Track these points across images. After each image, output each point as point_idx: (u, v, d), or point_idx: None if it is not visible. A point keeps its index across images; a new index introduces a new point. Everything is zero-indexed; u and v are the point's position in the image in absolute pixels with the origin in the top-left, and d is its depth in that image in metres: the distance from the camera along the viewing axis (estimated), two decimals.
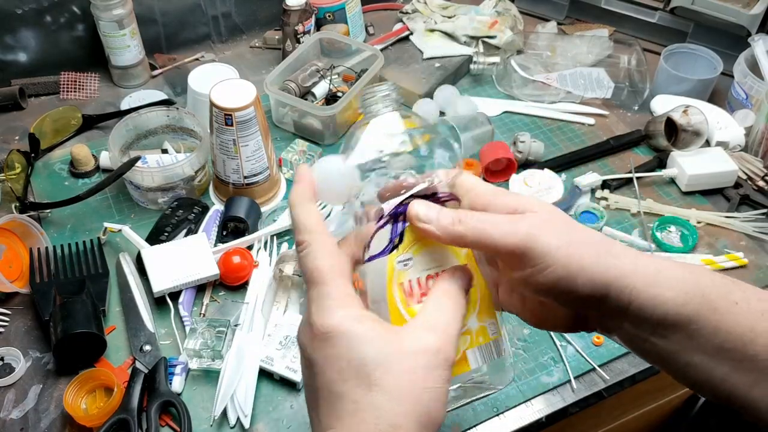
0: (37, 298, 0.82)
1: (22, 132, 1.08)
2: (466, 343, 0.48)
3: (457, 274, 0.47)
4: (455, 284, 0.47)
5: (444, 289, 0.46)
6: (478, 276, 0.49)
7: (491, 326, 0.50)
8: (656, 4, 1.26)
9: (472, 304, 0.49)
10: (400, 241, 0.48)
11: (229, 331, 0.79)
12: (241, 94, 0.87)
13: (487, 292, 0.50)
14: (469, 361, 0.48)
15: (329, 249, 0.46)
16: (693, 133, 1.04)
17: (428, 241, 0.48)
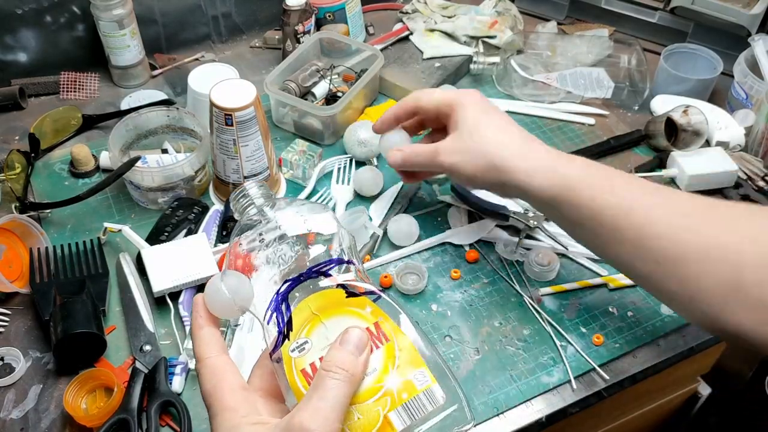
0: (37, 298, 0.82)
1: (22, 132, 1.08)
2: (387, 406, 0.45)
3: (342, 339, 0.46)
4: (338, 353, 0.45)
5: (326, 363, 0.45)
6: (392, 329, 0.47)
7: (418, 377, 0.46)
8: (656, 4, 1.26)
9: (390, 360, 0.46)
10: (289, 329, 0.47)
11: (229, 331, 0.79)
12: (241, 94, 0.87)
13: (407, 343, 0.47)
14: (393, 423, 0.45)
15: (214, 373, 0.48)
16: (693, 133, 1.04)
17: (325, 314, 0.47)
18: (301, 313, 0.48)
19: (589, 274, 0.91)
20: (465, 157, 0.71)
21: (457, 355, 0.81)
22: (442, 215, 0.97)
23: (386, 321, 0.48)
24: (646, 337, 0.84)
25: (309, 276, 0.49)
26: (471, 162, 0.71)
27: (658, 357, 0.82)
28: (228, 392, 0.47)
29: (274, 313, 0.49)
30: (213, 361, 0.48)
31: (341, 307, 0.48)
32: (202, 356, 0.49)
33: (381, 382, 0.46)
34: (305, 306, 0.48)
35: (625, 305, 0.87)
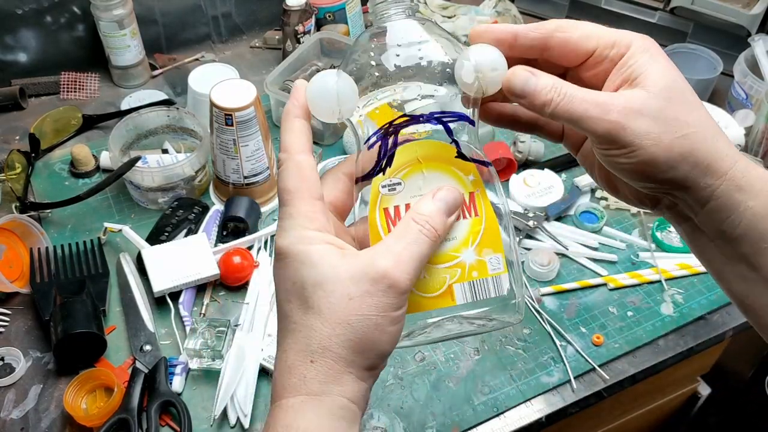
0: (38, 298, 0.82)
1: (23, 132, 1.08)
2: (455, 276, 0.45)
3: (437, 194, 0.44)
4: (432, 206, 0.43)
5: (420, 214, 0.43)
6: (485, 206, 0.45)
7: (493, 261, 0.45)
8: (656, 4, 1.26)
9: (472, 235, 0.45)
10: (387, 164, 0.45)
11: (229, 331, 0.79)
12: (241, 94, 0.87)
13: (494, 225, 0.46)
14: (455, 295, 0.44)
15: (300, 170, 0.44)
16: None
17: (428, 164, 0.45)
18: (406, 153, 0.45)
19: (589, 274, 0.91)
20: (662, 129, 0.43)
21: (457, 354, 0.81)
22: None
23: (482, 196, 0.46)
24: (646, 337, 0.84)
25: (428, 120, 0.45)
26: (667, 140, 0.43)
27: (658, 357, 0.82)
28: (309, 198, 0.43)
29: (379, 141, 0.45)
30: (301, 158, 0.44)
31: (446, 164, 0.46)
32: (292, 149, 0.44)
33: (458, 252, 0.45)
34: (413, 148, 0.45)
35: (625, 305, 0.87)
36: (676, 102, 0.43)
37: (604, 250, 0.94)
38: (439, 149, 0.45)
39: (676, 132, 0.43)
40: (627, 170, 0.44)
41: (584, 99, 0.42)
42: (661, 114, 0.42)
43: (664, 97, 0.43)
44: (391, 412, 0.76)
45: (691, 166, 0.43)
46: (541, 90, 0.43)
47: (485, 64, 0.44)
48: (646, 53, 0.44)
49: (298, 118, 0.45)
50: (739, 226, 0.43)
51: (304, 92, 0.45)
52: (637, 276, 0.90)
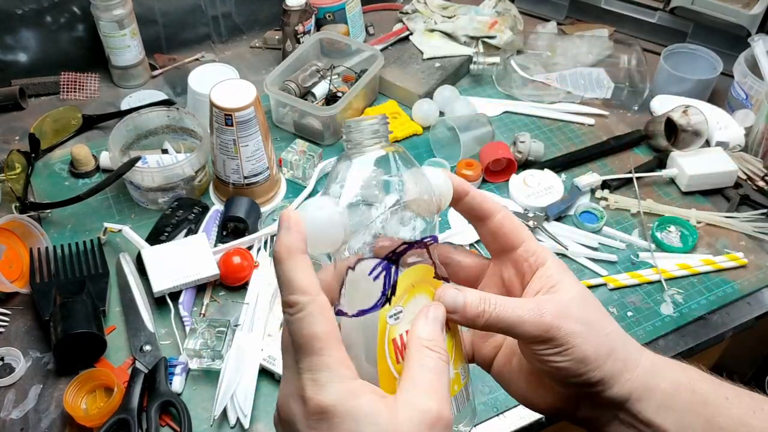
0: (37, 298, 0.82)
1: (23, 132, 1.08)
2: None
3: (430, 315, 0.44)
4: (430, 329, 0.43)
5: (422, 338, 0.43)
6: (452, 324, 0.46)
7: (463, 371, 0.47)
8: (656, 4, 1.26)
9: (449, 350, 0.45)
10: (392, 293, 0.44)
11: (229, 331, 0.79)
12: (241, 94, 0.87)
13: (459, 337, 0.47)
14: None
15: (326, 313, 0.40)
16: (693, 133, 1.04)
17: (419, 288, 0.45)
18: (405, 280, 0.45)
19: (589, 273, 0.91)
20: (589, 329, 0.46)
21: None
22: (442, 215, 0.97)
23: None
24: (646, 337, 0.84)
25: (421, 245, 0.46)
26: (594, 339, 0.46)
27: None
28: (339, 342, 0.40)
29: (384, 270, 0.44)
30: (323, 300, 0.40)
31: (428, 285, 0.46)
32: (308, 290, 0.40)
33: None
34: (409, 274, 0.45)
35: (625, 305, 0.87)
36: (591, 308, 0.48)
37: (604, 250, 0.94)
38: (424, 272, 0.46)
39: (599, 332, 0.47)
40: (563, 368, 0.46)
41: (515, 306, 0.45)
42: (584, 316, 0.47)
43: (580, 303, 0.48)
44: None
45: (613, 363, 0.47)
46: (469, 304, 0.45)
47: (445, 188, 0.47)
48: (559, 268, 0.49)
49: (304, 254, 0.41)
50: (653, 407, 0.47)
51: (300, 223, 0.42)
52: (637, 276, 0.90)
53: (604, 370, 0.46)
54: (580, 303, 0.48)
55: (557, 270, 0.49)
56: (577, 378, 0.46)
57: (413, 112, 1.11)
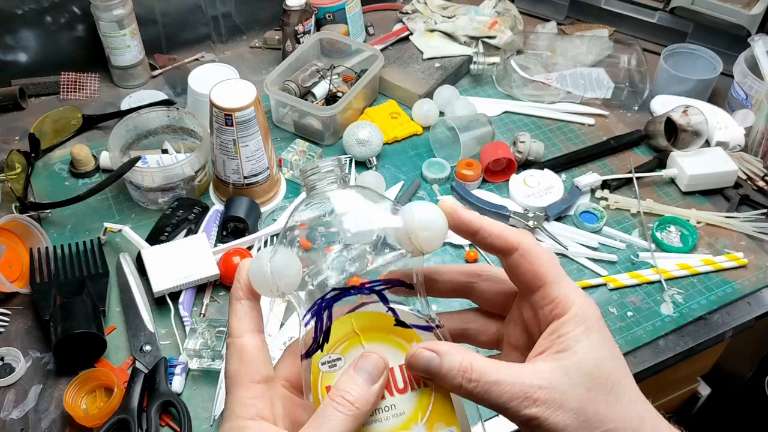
0: (37, 298, 0.82)
1: (23, 132, 1.08)
2: None
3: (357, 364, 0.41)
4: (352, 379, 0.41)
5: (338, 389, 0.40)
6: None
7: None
8: (656, 4, 1.26)
9: (420, 408, 0.42)
10: (325, 339, 0.42)
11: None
12: (241, 94, 0.87)
13: (444, 394, 0.43)
14: None
15: (241, 353, 0.43)
16: (693, 133, 1.04)
17: (366, 336, 0.43)
18: (343, 326, 0.43)
19: (589, 274, 0.91)
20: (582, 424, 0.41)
21: None
22: None
23: None
24: (646, 337, 0.84)
25: (361, 291, 0.44)
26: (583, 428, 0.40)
27: (658, 357, 0.82)
28: (247, 382, 0.42)
29: (314, 317, 0.44)
30: (242, 341, 0.43)
31: (386, 334, 0.43)
32: (233, 333, 0.43)
33: (407, 429, 0.41)
34: (348, 321, 0.43)
35: (625, 305, 0.87)
36: (599, 392, 0.41)
37: (604, 250, 0.94)
38: (375, 319, 0.43)
39: (595, 428, 0.40)
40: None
41: (501, 391, 0.40)
42: (582, 407, 0.40)
43: (586, 387, 0.41)
44: None
45: None
46: (446, 373, 0.40)
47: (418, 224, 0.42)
48: (580, 326, 0.41)
49: (241, 300, 0.44)
50: None
51: (247, 272, 0.44)
52: (637, 276, 0.90)
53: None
54: (585, 387, 0.41)
55: (576, 328, 0.42)
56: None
57: (413, 112, 1.11)
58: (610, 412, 0.41)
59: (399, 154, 1.07)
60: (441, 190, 1.01)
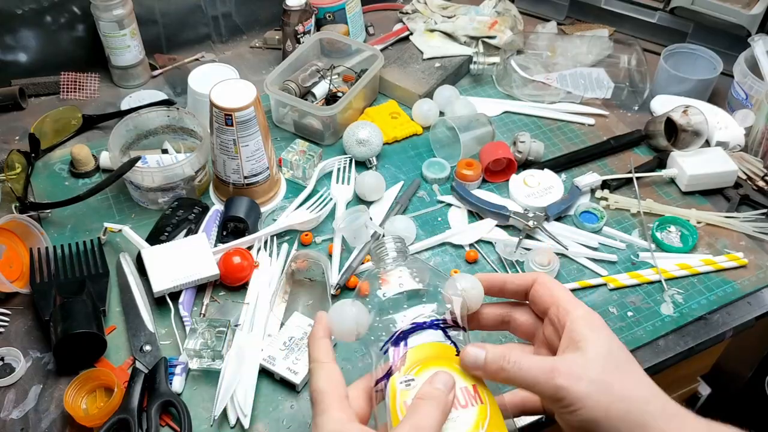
0: (37, 298, 0.82)
1: (23, 132, 1.08)
2: None
3: (434, 378, 0.51)
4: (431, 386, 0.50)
5: (423, 391, 0.50)
6: (487, 394, 0.53)
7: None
8: (656, 4, 1.27)
9: (480, 420, 0.51)
10: (402, 363, 0.54)
11: (229, 331, 0.79)
12: (241, 94, 0.87)
13: (497, 410, 0.53)
14: None
15: (329, 374, 0.53)
16: (693, 133, 1.04)
17: (434, 363, 0.53)
18: (415, 354, 0.54)
19: (589, 274, 0.91)
20: (598, 391, 0.50)
21: None
22: (442, 215, 0.97)
23: (483, 386, 0.54)
24: (646, 337, 0.84)
25: (431, 326, 0.55)
26: (603, 402, 0.50)
27: (658, 357, 0.82)
28: (338, 397, 0.52)
29: (392, 346, 0.55)
30: (331, 366, 0.54)
31: (449, 362, 0.54)
32: (321, 359, 0.54)
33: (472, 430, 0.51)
34: (420, 349, 0.54)
35: (625, 305, 0.87)
36: (613, 369, 0.51)
37: (604, 250, 0.94)
38: (440, 350, 0.55)
39: (612, 396, 0.49)
40: (575, 426, 0.51)
41: (531, 367, 0.51)
42: (599, 379, 0.50)
43: (601, 364, 0.51)
44: None
45: (629, 427, 0.49)
46: (489, 362, 0.52)
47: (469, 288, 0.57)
48: (586, 323, 0.53)
49: (323, 338, 0.56)
50: None
51: (325, 318, 0.56)
52: (637, 276, 0.90)
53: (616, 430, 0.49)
54: (601, 362, 0.51)
55: (583, 325, 0.52)
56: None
57: (413, 112, 1.11)
58: (623, 382, 0.50)
59: (399, 154, 1.07)
60: (441, 190, 1.01)
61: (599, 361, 0.51)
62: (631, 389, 0.50)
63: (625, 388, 0.50)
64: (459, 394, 0.53)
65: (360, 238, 0.90)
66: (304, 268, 0.87)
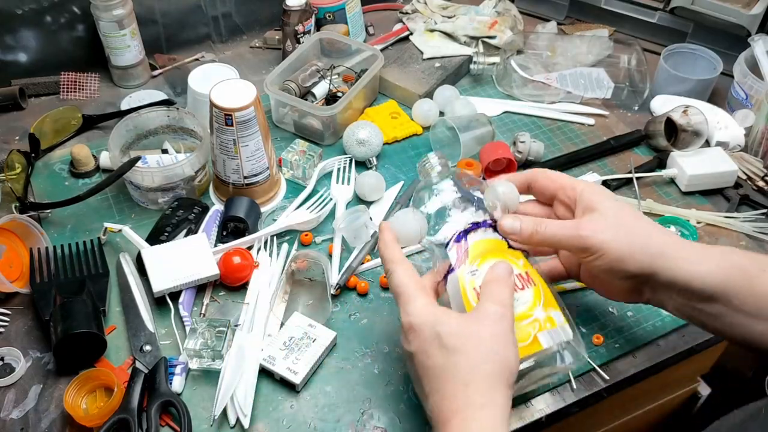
0: (37, 298, 0.82)
1: (23, 132, 1.08)
2: (536, 328, 0.63)
3: (497, 266, 0.63)
4: (497, 272, 0.63)
5: (491, 276, 0.63)
6: (538, 278, 0.65)
7: (556, 316, 0.64)
8: (656, 4, 1.27)
9: (537, 299, 0.64)
10: (465, 257, 0.65)
11: (229, 331, 0.79)
12: (241, 94, 0.87)
13: (548, 290, 0.65)
14: (540, 342, 0.63)
15: (407, 271, 0.64)
16: (693, 133, 1.04)
17: (492, 255, 0.65)
18: (475, 249, 0.65)
19: None
20: (617, 234, 0.63)
21: None
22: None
23: (533, 272, 0.65)
24: (646, 337, 0.84)
25: (483, 225, 0.67)
26: (624, 241, 0.62)
27: (658, 357, 0.82)
28: (419, 287, 0.63)
29: (455, 243, 0.66)
30: (407, 263, 0.65)
31: (503, 254, 0.66)
32: (396, 260, 0.65)
33: (531, 311, 0.63)
34: (479, 245, 0.66)
35: (625, 305, 0.87)
36: (624, 217, 0.64)
37: None
38: (494, 244, 0.67)
39: (628, 234, 0.63)
40: (604, 270, 0.64)
41: (559, 227, 0.65)
42: (615, 225, 0.63)
43: (614, 215, 0.64)
44: (390, 412, 0.76)
45: (649, 257, 0.63)
46: (524, 228, 0.66)
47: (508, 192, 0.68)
48: (593, 191, 0.66)
49: (393, 242, 0.67)
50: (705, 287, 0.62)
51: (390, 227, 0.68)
52: None
53: (640, 262, 0.62)
54: (613, 214, 0.64)
55: (591, 193, 0.66)
56: (620, 273, 0.63)
57: (413, 112, 1.11)
58: (637, 222, 0.64)
59: (399, 154, 1.07)
60: None
61: (612, 212, 0.64)
62: (645, 227, 0.64)
63: (639, 227, 0.63)
64: (516, 279, 0.64)
65: (360, 238, 0.90)
66: (304, 268, 0.87)
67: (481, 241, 0.66)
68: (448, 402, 0.57)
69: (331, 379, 0.78)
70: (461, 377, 0.57)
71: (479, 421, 0.55)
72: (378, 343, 0.82)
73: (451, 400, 0.57)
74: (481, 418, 0.55)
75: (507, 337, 0.58)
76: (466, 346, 0.57)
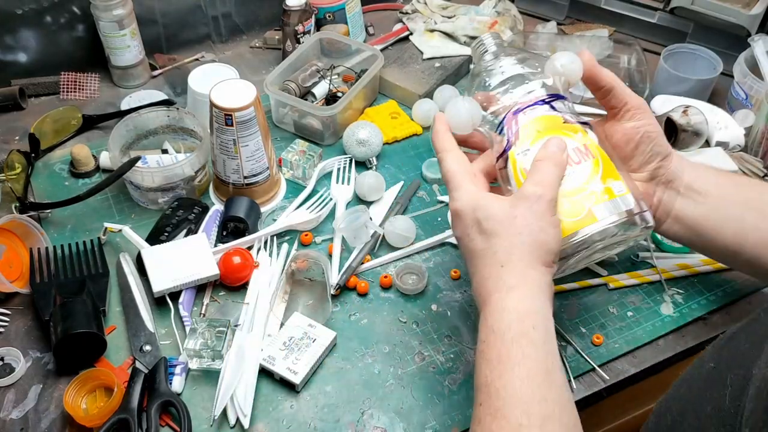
0: (37, 298, 0.82)
1: (22, 132, 1.08)
2: (592, 201, 0.62)
3: (548, 143, 0.64)
4: (547, 149, 0.63)
5: (540, 154, 0.63)
6: (597, 149, 0.65)
7: (616, 186, 0.63)
8: (656, 4, 1.26)
9: (594, 171, 0.63)
10: (516, 138, 0.65)
11: (229, 331, 0.79)
12: (241, 94, 0.87)
13: (608, 160, 0.64)
14: (595, 215, 0.62)
15: (457, 158, 0.66)
16: (693, 134, 1.04)
17: (546, 132, 0.64)
18: (528, 128, 0.64)
19: (589, 274, 0.91)
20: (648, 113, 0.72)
21: (457, 355, 0.81)
22: (442, 215, 0.97)
23: (592, 144, 0.64)
24: (646, 337, 0.84)
25: (536, 103, 0.65)
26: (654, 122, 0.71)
27: (658, 357, 0.82)
28: (468, 174, 0.65)
29: (506, 125, 0.66)
30: (458, 151, 0.67)
31: (558, 129, 0.64)
32: (448, 148, 0.67)
33: (588, 184, 0.62)
34: (531, 124, 0.64)
35: (625, 305, 0.87)
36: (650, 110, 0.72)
37: None
38: (549, 121, 0.65)
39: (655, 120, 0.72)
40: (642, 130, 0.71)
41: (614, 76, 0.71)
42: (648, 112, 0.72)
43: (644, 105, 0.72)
44: (391, 412, 0.76)
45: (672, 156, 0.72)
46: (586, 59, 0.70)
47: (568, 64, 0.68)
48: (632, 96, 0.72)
49: (445, 131, 0.68)
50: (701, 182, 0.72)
51: (443, 117, 0.69)
52: (637, 276, 0.90)
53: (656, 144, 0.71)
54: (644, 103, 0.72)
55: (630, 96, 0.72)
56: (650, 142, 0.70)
57: (413, 112, 1.11)
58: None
59: (399, 154, 1.07)
60: (441, 190, 1.00)
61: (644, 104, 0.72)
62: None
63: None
64: (572, 154, 0.63)
65: (360, 238, 0.90)
66: (304, 268, 0.87)
67: (534, 119, 0.65)
68: (487, 283, 0.61)
69: (331, 379, 0.78)
70: (498, 259, 0.61)
71: (513, 301, 0.59)
72: (378, 343, 0.82)
73: (489, 281, 0.61)
74: (514, 298, 0.59)
75: (543, 217, 0.60)
76: (502, 230, 0.61)
